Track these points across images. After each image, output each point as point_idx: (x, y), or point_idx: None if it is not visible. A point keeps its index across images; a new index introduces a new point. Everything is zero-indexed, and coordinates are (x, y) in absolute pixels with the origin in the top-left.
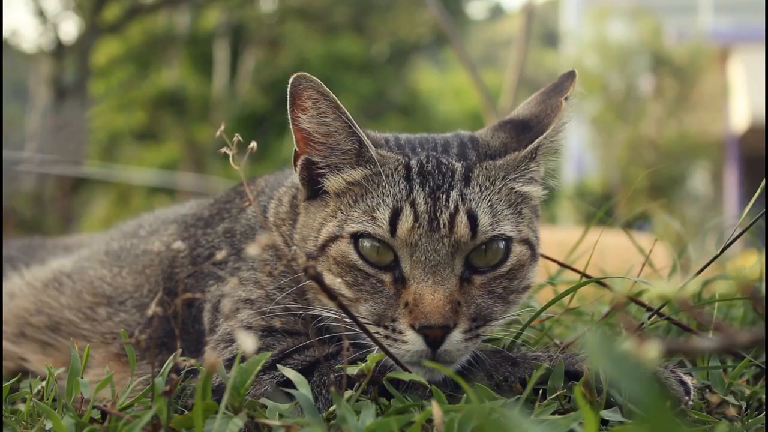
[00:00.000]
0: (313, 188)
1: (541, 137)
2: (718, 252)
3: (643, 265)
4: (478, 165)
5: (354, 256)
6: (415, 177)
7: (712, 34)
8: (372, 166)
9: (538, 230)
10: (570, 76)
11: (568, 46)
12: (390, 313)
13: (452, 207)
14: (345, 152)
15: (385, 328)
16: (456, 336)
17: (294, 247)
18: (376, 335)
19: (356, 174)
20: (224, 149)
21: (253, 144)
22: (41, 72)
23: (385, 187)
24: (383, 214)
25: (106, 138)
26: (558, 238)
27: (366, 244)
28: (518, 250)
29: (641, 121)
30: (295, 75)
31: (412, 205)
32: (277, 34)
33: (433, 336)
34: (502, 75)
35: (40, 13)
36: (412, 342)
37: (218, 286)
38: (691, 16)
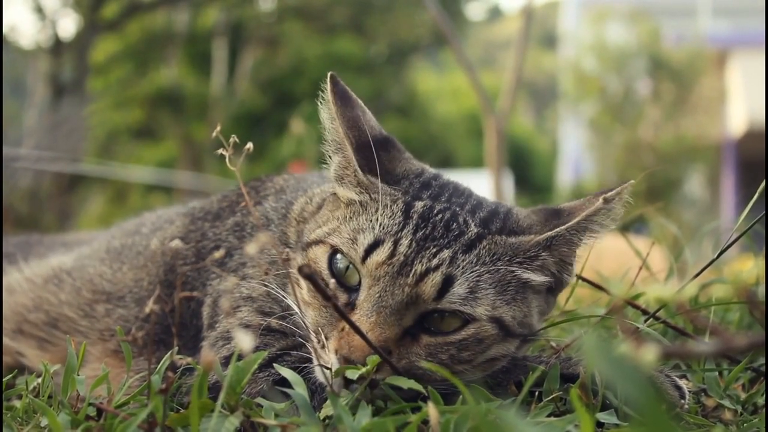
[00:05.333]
0: None
1: (562, 227)
2: (715, 256)
3: (640, 269)
4: (490, 236)
5: (324, 265)
6: (414, 218)
7: (711, 37)
8: (370, 192)
9: (530, 314)
10: (624, 182)
11: (567, 48)
12: (327, 330)
13: (434, 264)
14: (345, 168)
15: (318, 341)
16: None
17: (287, 250)
18: (314, 342)
19: (355, 195)
20: (221, 150)
21: (249, 145)
22: (39, 69)
23: (381, 215)
24: (365, 240)
25: (103, 135)
26: None
27: (339, 257)
28: (479, 325)
29: (639, 124)
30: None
31: (395, 242)
32: (275, 33)
33: None
34: (500, 76)
35: (39, 10)
36: (331, 365)
37: (220, 280)
38: (690, 19)
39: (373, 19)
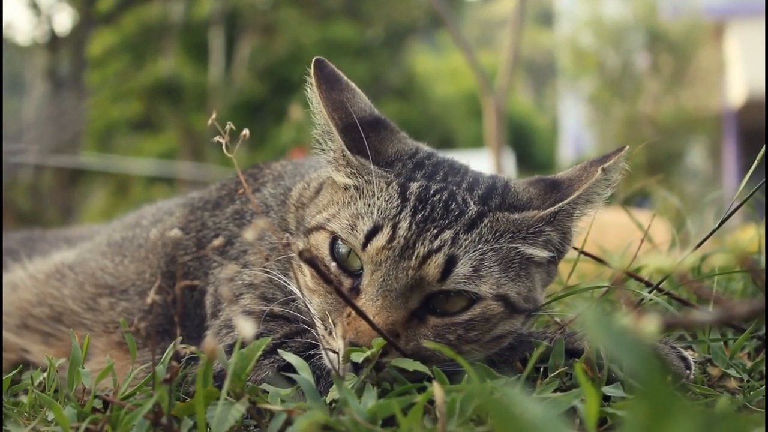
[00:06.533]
0: None
1: (564, 202)
2: (716, 226)
3: (642, 241)
4: (491, 213)
5: (325, 251)
6: (412, 200)
7: (707, 8)
8: (363, 174)
9: (534, 288)
10: (619, 149)
11: (564, 24)
12: (334, 316)
13: (436, 245)
14: (335, 151)
15: (325, 328)
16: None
17: (287, 235)
18: (320, 328)
19: (349, 179)
20: (217, 138)
21: (246, 131)
22: (37, 64)
23: (378, 199)
24: (364, 226)
25: (103, 129)
26: None
27: (340, 243)
28: (485, 304)
29: (638, 98)
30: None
31: (394, 226)
32: (271, 20)
33: None
34: (498, 55)
35: (34, 6)
36: (339, 351)
37: (222, 268)
38: None
39: (369, 3)
